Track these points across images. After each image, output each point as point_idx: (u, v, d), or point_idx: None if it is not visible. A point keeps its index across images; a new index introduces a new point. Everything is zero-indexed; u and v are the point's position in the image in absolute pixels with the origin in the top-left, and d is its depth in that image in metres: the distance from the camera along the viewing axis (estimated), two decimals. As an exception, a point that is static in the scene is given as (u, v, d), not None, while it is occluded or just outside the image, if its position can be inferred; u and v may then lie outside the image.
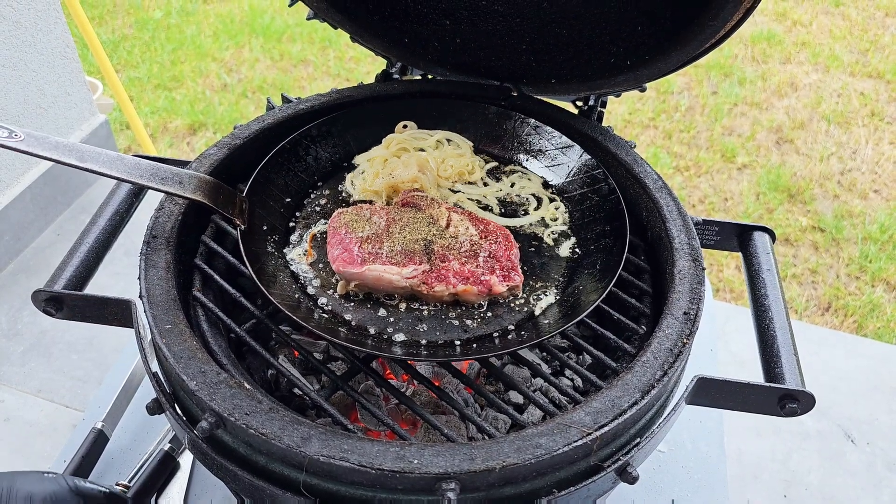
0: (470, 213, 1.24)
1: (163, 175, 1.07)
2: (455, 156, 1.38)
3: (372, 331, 1.08)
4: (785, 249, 3.34)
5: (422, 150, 1.39)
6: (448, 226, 1.20)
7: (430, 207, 1.22)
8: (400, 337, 1.07)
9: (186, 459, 1.49)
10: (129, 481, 1.45)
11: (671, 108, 4.26)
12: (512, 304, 1.13)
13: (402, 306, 1.12)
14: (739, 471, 2.30)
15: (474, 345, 1.07)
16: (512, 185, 1.37)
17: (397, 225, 1.17)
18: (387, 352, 1.03)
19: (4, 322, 2.76)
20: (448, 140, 1.43)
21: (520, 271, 1.15)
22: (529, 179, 1.38)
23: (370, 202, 1.31)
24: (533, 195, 1.34)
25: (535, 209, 1.32)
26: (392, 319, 1.10)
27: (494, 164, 1.41)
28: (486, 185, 1.37)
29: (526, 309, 1.13)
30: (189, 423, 0.96)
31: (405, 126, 1.44)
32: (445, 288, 1.10)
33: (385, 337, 1.07)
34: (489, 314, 1.12)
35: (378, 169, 1.34)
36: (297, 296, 1.11)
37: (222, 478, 0.96)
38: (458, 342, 1.07)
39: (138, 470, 1.47)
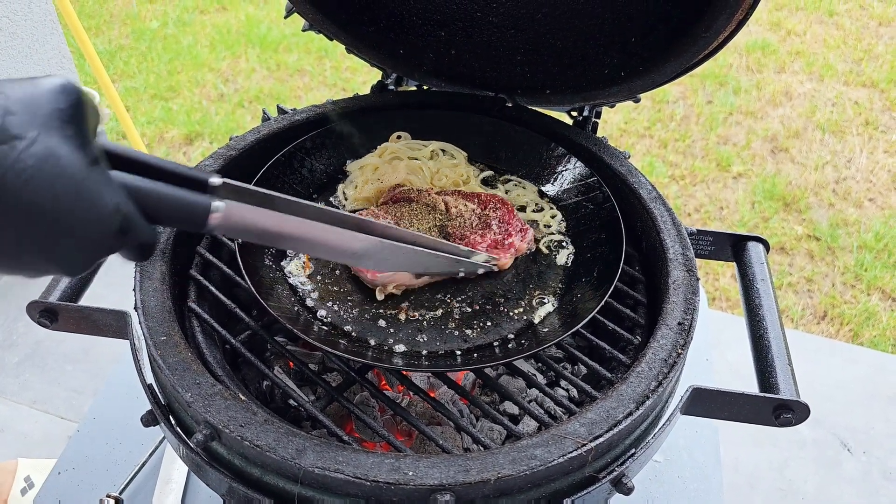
0: (459, 192, 1.28)
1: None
2: (450, 166, 1.39)
3: (372, 342, 1.08)
4: (780, 258, 3.35)
5: (415, 159, 1.40)
6: (448, 208, 1.23)
7: (420, 197, 1.26)
8: (400, 348, 1.07)
9: (181, 470, 1.49)
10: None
11: (666, 118, 4.28)
12: (511, 313, 1.14)
13: (402, 317, 1.12)
14: (736, 480, 2.30)
15: (475, 354, 1.07)
16: (506, 193, 1.37)
17: (403, 221, 1.21)
18: (387, 363, 1.03)
19: (0, 333, 2.76)
20: (443, 151, 1.43)
21: (528, 228, 1.24)
22: (524, 188, 1.38)
23: (364, 209, 1.31)
24: (530, 203, 1.35)
25: (534, 212, 1.33)
26: (392, 330, 1.10)
27: (490, 173, 1.42)
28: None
29: (525, 318, 1.13)
30: (184, 435, 0.96)
31: (399, 137, 1.44)
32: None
33: (385, 348, 1.07)
34: (488, 323, 1.12)
35: (368, 176, 1.35)
36: (296, 308, 1.11)
37: (217, 490, 0.96)
38: (458, 352, 1.07)
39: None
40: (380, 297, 1.14)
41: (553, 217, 1.31)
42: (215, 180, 0.77)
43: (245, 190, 0.80)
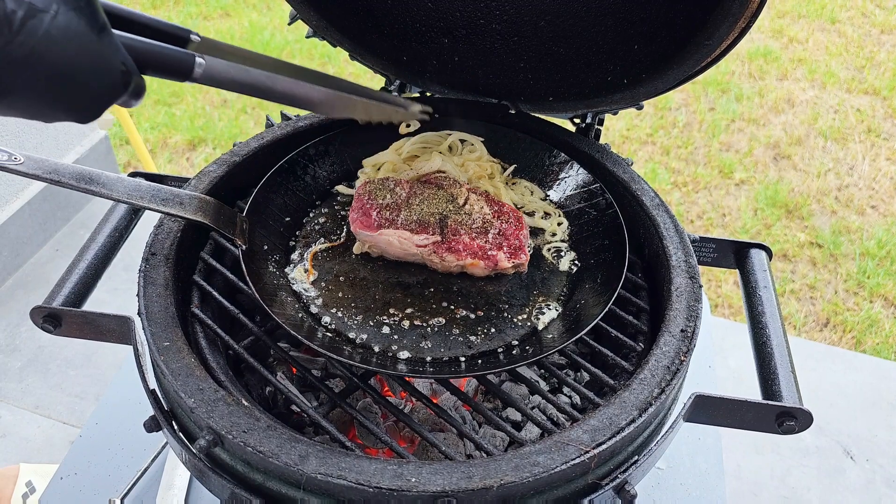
0: (487, 195, 1.29)
1: (163, 196, 1.07)
2: (473, 159, 1.39)
3: (376, 348, 1.08)
4: (783, 265, 3.35)
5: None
6: (465, 204, 1.26)
7: (451, 187, 1.29)
8: (404, 354, 1.07)
9: (183, 475, 1.49)
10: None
11: (669, 124, 4.28)
12: (515, 320, 1.14)
13: (406, 323, 1.12)
14: (738, 487, 2.29)
15: (479, 361, 1.07)
16: (520, 196, 1.37)
17: (417, 198, 1.25)
18: (391, 369, 1.03)
19: (2, 338, 2.76)
20: (462, 141, 1.43)
21: (527, 251, 1.21)
22: (532, 193, 1.39)
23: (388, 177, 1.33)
24: (539, 210, 1.35)
25: (542, 218, 1.33)
26: (396, 337, 1.10)
27: (512, 168, 1.42)
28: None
29: (529, 324, 1.14)
30: (187, 441, 0.96)
31: (408, 125, 1.44)
32: (455, 259, 1.17)
33: (390, 355, 1.07)
34: (492, 330, 1.12)
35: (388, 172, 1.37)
36: (300, 315, 1.12)
37: (219, 496, 0.96)
38: (462, 358, 1.07)
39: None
40: (356, 250, 1.23)
41: (559, 225, 1.32)
42: (195, 37, 0.96)
43: (221, 45, 0.99)
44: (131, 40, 0.81)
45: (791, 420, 0.97)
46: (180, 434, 0.98)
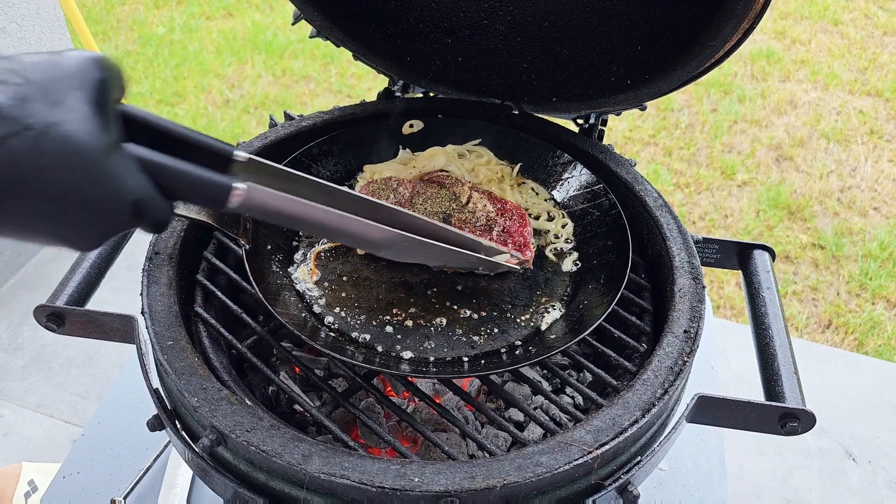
0: (490, 193, 1.29)
1: (166, 194, 1.07)
2: (483, 164, 1.40)
3: (379, 348, 1.08)
4: (785, 266, 3.35)
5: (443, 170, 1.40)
6: (468, 202, 1.26)
7: (454, 186, 1.29)
8: (407, 354, 1.07)
9: (185, 474, 1.49)
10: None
11: (671, 126, 4.28)
12: (518, 320, 1.14)
13: (409, 323, 1.12)
14: (740, 489, 2.29)
15: (482, 361, 1.07)
16: (520, 196, 1.37)
17: (420, 197, 1.25)
18: (394, 369, 1.03)
19: (5, 337, 2.76)
20: (468, 151, 1.44)
21: (531, 248, 1.21)
22: (537, 194, 1.39)
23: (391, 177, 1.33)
24: (543, 212, 1.35)
25: (546, 221, 1.33)
26: (399, 337, 1.10)
27: (519, 165, 1.42)
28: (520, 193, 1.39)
29: (532, 324, 1.14)
30: (190, 440, 0.96)
31: (411, 125, 1.44)
32: None
33: (393, 354, 1.07)
34: (495, 330, 1.12)
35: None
36: (303, 315, 1.12)
37: (222, 495, 0.96)
38: (465, 358, 1.08)
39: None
40: (360, 251, 1.22)
41: (564, 227, 1.32)
42: (241, 156, 0.76)
43: (272, 170, 0.81)
44: (156, 159, 0.67)
45: (794, 421, 0.97)
46: (183, 433, 0.98)
